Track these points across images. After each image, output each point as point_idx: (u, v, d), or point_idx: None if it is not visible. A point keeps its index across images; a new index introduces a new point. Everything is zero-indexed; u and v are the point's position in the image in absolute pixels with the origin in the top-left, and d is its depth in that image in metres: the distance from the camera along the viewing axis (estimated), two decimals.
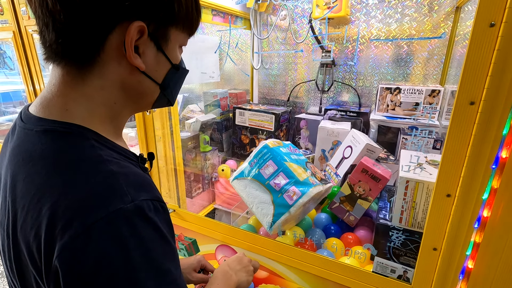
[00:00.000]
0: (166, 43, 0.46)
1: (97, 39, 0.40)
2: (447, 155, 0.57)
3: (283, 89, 1.62)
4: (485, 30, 0.48)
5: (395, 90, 1.20)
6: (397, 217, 0.77)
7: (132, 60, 0.42)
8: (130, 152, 0.48)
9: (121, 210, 0.36)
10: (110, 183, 0.38)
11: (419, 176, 0.73)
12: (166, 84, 0.49)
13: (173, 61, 0.48)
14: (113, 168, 0.39)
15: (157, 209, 0.40)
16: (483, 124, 0.52)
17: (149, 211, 0.38)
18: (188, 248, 1.09)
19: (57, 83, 0.43)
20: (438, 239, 0.63)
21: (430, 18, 1.19)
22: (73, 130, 0.41)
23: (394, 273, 0.73)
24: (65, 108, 0.42)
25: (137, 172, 0.42)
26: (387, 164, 1.10)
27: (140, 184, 0.40)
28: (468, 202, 0.57)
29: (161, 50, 0.45)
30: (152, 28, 0.42)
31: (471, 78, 0.51)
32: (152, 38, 0.43)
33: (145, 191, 0.39)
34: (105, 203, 0.36)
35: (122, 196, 0.37)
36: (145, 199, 0.38)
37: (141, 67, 0.44)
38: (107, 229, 0.35)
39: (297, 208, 0.87)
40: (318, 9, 1.26)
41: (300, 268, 0.87)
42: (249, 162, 0.97)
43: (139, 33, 0.41)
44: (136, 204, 0.37)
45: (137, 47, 0.42)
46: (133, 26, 0.40)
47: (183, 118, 1.49)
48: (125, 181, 0.38)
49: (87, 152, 0.40)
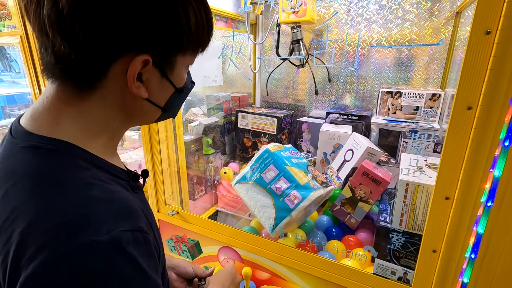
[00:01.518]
0: (172, 69, 0.44)
1: (98, 69, 0.39)
2: (446, 158, 0.58)
3: (285, 92, 1.64)
4: (482, 37, 0.50)
5: (396, 94, 1.21)
6: (397, 219, 0.78)
7: (134, 90, 0.41)
8: (122, 170, 0.46)
9: (94, 243, 0.33)
10: (87, 211, 0.35)
11: (419, 179, 0.74)
12: (168, 106, 0.48)
13: (178, 84, 0.47)
14: (94, 194, 0.37)
15: (137, 241, 0.36)
16: (480, 129, 0.53)
17: (126, 244, 0.35)
18: (191, 250, 1.10)
19: (50, 97, 0.41)
20: (437, 241, 0.64)
21: (430, 23, 1.21)
22: (59, 147, 0.39)
23: (395, 275, 0.74)
24: (56, 123, 0.40)
25: (123, 197, 0.40)
26: (388, 167, 1.11)
27: (122, 212, 0.37)
28: (466, 205, 0.58)
29: (166, 76, 0.44)
30: (157, 58, 0.41)
31: (468, 84, 0.52)
32: (157, 66, 0.42)
33: (126, 221, 0.37)
34: (77, 234, 0.33)
35: (98, 226, 0.34)
36: (124, 230, 0.35)
37: (143, 96, 0.43)
38: (75, 263, 0.32)
39: (299, 212, 0.88)
40: (284, 13, 1.26)
41: (301, 269, 0.88)
42: (251, 167, 0.98)
43: (143, 63, 0.40)
44: (111, 236, 0.34)
45: (141, 74, 0.41)
46: (137, 60, 0.39)
47: (186, 121, 1.51)
48: (105, 209, 0.36)
49: (71, 173, 0.38)
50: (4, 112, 2.61)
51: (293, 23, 1.29)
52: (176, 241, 1.16)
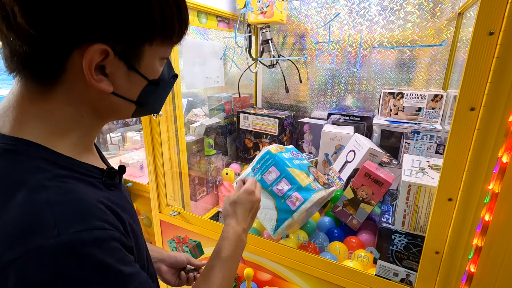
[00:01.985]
0: (140, 60, 0.41)
1: (55, 62, 0.37)
2: (448, 159, 0.58)
3: (286, 93, 1.64)
4: (484, 38, 0.49)
5: (398, 94, 1.21)
6: (399, 221, 0.78)
7: (95, 84, 0.38)
8: (94, 168, 0.44)
9: (42, 248, 0.31)
10: (38, 216, 0.33)
11: (421, 180, 0.74)
12: (143, 100, 0.45)
13: (151, 76, 0.44)
14: (48, 197, 0.34)
15: (97, 239, 0.34)
16: (483, 130, 0.53)
17: (81, 244, 0.33)
18: (193, 250, 1.10)
19: (15, 95, 0.39)
20: (440, 242, 0.64)
21: (432, 24, 1.21)
22: (18, 148, 0.37)
23: (397, 276, 0.74)
24: (19, 121, 0.38)
25: (82, 197, 0.37)
26: (390, 168, 1.11)
27: (78, 212, 0.35)
28: (469, 206, 0.58)
29: (133, 68, 0.41)
30: (120, 48, 0.38)
31: (471, 85, 0.52)
32: (121, 57, 0.39)
33: (81, 221, 0.34)
34: (24, 239, 0.31)
35: (47, 230, 0.32)
36: (79, 231, 0.33)
37: (107, 90, 0.40)
38: (22, 271, 0.30)
39: (300, 214, 0.88)
40: (252, 14, 1.26)
41: (303, 271, 0.88)
42: (252, 168, 0.98)
43: (102, 55, 0.37)
44: (62, 239, 0.32)
45: (104, 67, 0.39)
46: (91, 49, 0.36)
47: (188, 122, 1.51)
48: (59, 211, 0.33)
49: (27, 176, 0.35)
50: None
51: (262, 24, 1.30)
52: (178, 242, 1.16)
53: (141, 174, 1.64)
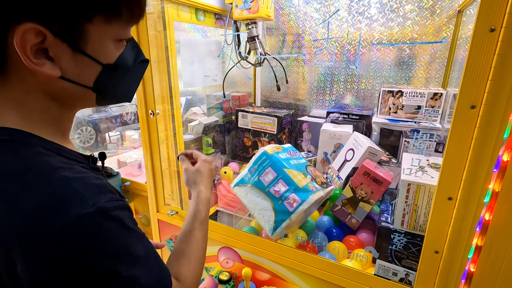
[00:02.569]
0: (86, 41, 0.38)
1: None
2: (449, 158, 0.57)
3: (285, 92, 1.63)
4: (485, 35, 0.49)
5: (397, 93, 1.20)
6: (399, 220, 0.77)
7: (35, 68, 0.36)
8: (79, 154, 0.45)
9: (85, 215, 0.34)
10: (66, 189, 0.35)
11: (421, 179, 0.73)
12: (102, 86, 0.43)
13: (104, 60, 0.41)
14: (66, 174, 0.37)
15: (119, 207, 0.39)
16: (484, 128, 0.52)
17: (112, 210, 0.37)
18: None
19: None
20: (439, 242, 0.63)
21: (432, 21, 1.20)
22: (14, 137, 0.37)
23: (396, 276, 0.73)
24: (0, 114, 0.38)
25: (91, 176, 0.40)
26: (389, 167, 1.10)
27: (97, 187, 0.38)
28: (469, 205, 0.58)
29: (79, 50, 0.38)
30: (58, 28, 0.36)
31: (472, 82, 0.52)
32: (62, 38, 0.36)
33: (103, 194, 0.38)
34: (64, 210, 0.34)
35: (83, 201, 0.35)
36: (106, 201, 0.37)
37: (52, 74, 0.38)
38: (71, 238, 0.33)
39: (298, 215, 0.87)
40: (237, 9, 1.19)
41: (302, 270, 0.87)
42: (249, 169, 0.97)
43: (39, 36, 0.35)
44: (98, 207, 0.36)
45: (47, 51, 0.37)
46: (19, 30, 0.34)
47: (186, 121, 1.51)
48: (84, 185, 0.37)
49: (35, 160, 0.37)
50: None
51: (248, 20, 1.22)
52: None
53: (139, 173, 1.63)
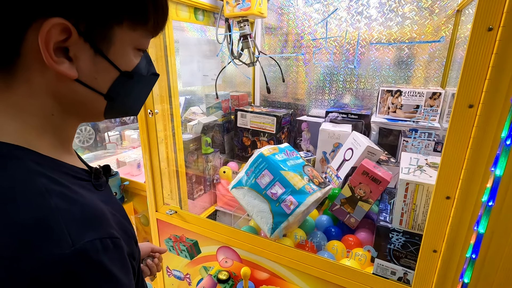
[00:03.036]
0: (109, 45, 0.37)
1: (11, 41, 0.33)
2: (447, 157, 0.57)
3: (284, 91, 1.63)
4: (483, 34, 0.49)
5: (396, 92, 1.20)
6: (397, 219, 0.78)
7: (54, 66, 0.34)
8: (81, 170, 0.41)
9: (58, 257, 0.30)
10: (46, 223, 0.31)
11: (419, 179, 0.73)
12: (114, 94, 0.40)
13: (122, 67, 0.39)
14: (52, 203, 0.32)
15: (107, 248, 0.34)
16: (481, 127, 0.52)
17: (95, 253, 0.32)
18: (190, 250, 1.10)
19: None
20: (438, 241, 0.63)
21: (431, 21, 1.20)
22: (4, 153, 0.33)
23: (395, 275, 0.73)
24: None
25: (87, 203, 0.35)
26: (388, 166, 1.10)
27: (87, 219, 0.34)
28: (467, 204, 0.58)
29: (101, 53, 0.37)
30: (84, 27, 0.34)
31: (470, 82, 0.52)
32: (86, 39, 0.35)
33: (92, 229, 0.33)
34: (37, 249, 0.29)
35: (60, 239, 0.30)
36: (91, 240, 0.32)
37: (69, 75, 0.36)
38: (38, 281, 0.29)
39: (295, 216, 0.87)
40: (228, 6, 1.13)
41: (301, 270, 0.87)
42: (246, 171, 0.97)
43: (64, 33, 0.33)
44: (77, 249, 0.31)
45: (67, 50, 0.35)
46: (47, 23, 0.32)
47: (185, 120, 1.50)
48: (67, 219, 0.32)
49: (21, 180, 0.32)
50: None
51: (240, 17, 1.15)
52: (174, 241, 1.15)
53: (138, 172, 1.64)
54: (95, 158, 1.87)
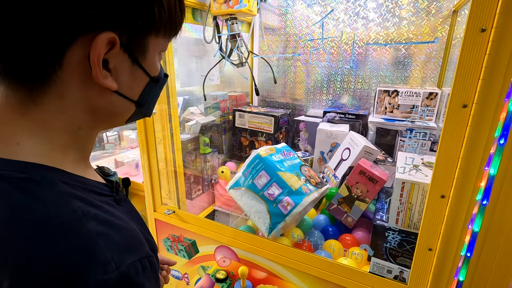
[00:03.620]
0: (144, 53, 0.37)
1: (51, 55, 0.31)
2: (441, 157, 0.58)
3: (282, 91, 1.64)
4: (477, 35, 0.49)
5: (393, 92, 1.21)
6: (393, 218, 0.78)
7: (100, 80, 0.34)
8: (102, 185, 0.41)
9: (103, 283, 0.29)
10: (88, 251, 0.30)
11: (415, 178, 0.74)
12: (143, 100, 0.41)
13: (152, 73, 0.40)
14: (91, 228, 0.31)
15: (145, 269, 0.34)
16: (475, 127, 0.53)
17: (136, 275, 0.33)
18: (188, 249, 1.10)
19: (0, 107, 0.34)
20: (433, 239, 0.64)
21: (427, 21, 1.21)
22: (33, 175, 0.32)
23: (391, 273, 0.74)
24: (16, 142, 0.33)
25: (121, 224, 0.35)
26: (385, 166, 1.11)
27: (126, 243, 0.34)
28: (462, 203, 0.58)
29: (137, 63, 0.37)
30: (125, 38, 0.34)
31: (464, 82, 0.52)
32: (126, 49, 0.35)
33: (131, 252, 0.34)
34: (82, 277, 0.29)
35: (105, 265, 0.30)
36: (132, 262, 0.33)
37: (111, 87, 0.35)
38: None
39: (293, 217, 0.88)
40: (215, 4, 1.07)
41: (298, 269, 0.88)
42: (243, 172, 0.98)
43: (109, 45, 0.33)
44: (121, 273, 0.31)
45: (107, 61, 0.34)
46: (100, 38, 0.31)
47: (183, 120, 1.51)
48: (108, 243, 0.32)
49: (56, 206, 0.31)
50: None
51: (228, 15, 1.09)
52: (172, 241, 1.16)
53: (136, 173, 1.64)
54: (93, 159, 1.87)
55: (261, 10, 1.53)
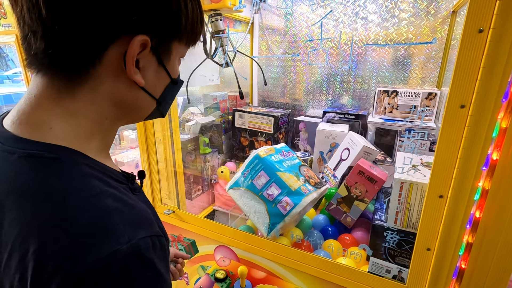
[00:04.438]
0: (168, 57, 0.43)
1: (94, 51, 0.37)
2: (439, 157, 0.58)
3: (282, 92, 1.64)
4: (474, 36, 0.50)
5: (392, 93, 1.21)
6: (392, 218, 0.78)
7: (132, 75, 0.39)
8: (119, 173, 0.44)
9: (116, 253, 0.32)
10: (104, 223, 0.33)
11: (414, 178, 0.74)
12: (163, 98, 0.46)
13: (173, 75, 0.46)
14: (108, 203, 0.35)
15: (155, 246, 0.36)
16: (473, 127, 0.53)
17: (146, 250, 0.35)
18: (187, 249, 1.10)
19: (38, 95, 0.38)
20: (431, 239, 0.64)
21: (427, 22, 1.21)
22: (61, 156, 0.36)
23: (389, 273, 0.74)
24: (49, 127, 0.37)
25: (134, 204, 0.38)
26: (384, 166, 1.11)
27: (138, 220, 0.37)
28: (460, 203, 0.59)
29: (162, 64, 0.43)
30: (155, 42, 0.40)
31: (461, 82, 0.53)
32: (154, 52, 0.40)
33: (143, 228, 0.36)
34: (97, 247, 0.32)
35: (118, 237, 0.33)
36: (143, 237, 0.35)
37: (140, 83, 0.41)
38: (98, 276, 0.31)
39: (292, 217, 0.88)
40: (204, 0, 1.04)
41: (297, 268, 0.88)
42: (242, 173, 0.98)
43: (142, 47, 0.38)
44: (133, 245, 0.33)
45: (138, 61, 0.39)
46: (136, 40, 0.37)
47: (183, 121, 1.51)
48: (122, 218, 0.35)
49: (79, 182, 0.35)
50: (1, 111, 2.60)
51: (211, 11, 1.05)
52: (172, 240, 1.16)
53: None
54: None
55: (261, 10, 1.53)
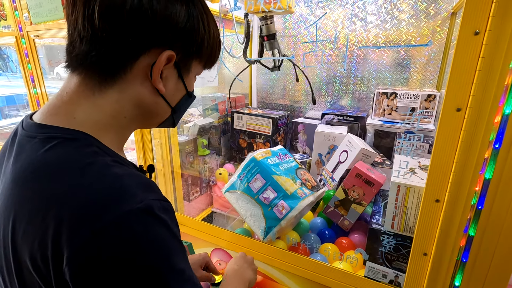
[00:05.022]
0: (187, 72, 0.49)
1: (129, 58, 0.42)
2: (436, 160, 0.57)
3: (281, 93, 1.63)
4: (470, 38, 0.49)
5: (392, 94, 1.20)
6: (389, 222, 0.77)
7: (156, 83, 0.45)
8: (130, 163, 0.48)
9: (133, 210, 0.36)
10: (118, 185, 0.38)
11: (410, 181, 0.73)
12: (177, 108, 0.52)
13: (189, 88, 0.52)
14: (117, 171, 0.39)
15: (166, 209, 0.40)
16: (470, 130, 0.53)
17: (158, 210, 0.38)
18: None
19: (70, 92, 0.43)
20: (428, 244, 0.63)
21: (426, 23, 1.20)
22: (78, 137, 0.41)
23: (386, 278, 0.73)
24: (73, 116, 0.43)
25: (141, 175, 0.43)
26: (383, 168, 1.10)
27: (147, 185, 0.41)
28: (456, 208, 0.58)
29: (181, 78, 0.49)
30: (178, 58, 0.46)
31: (457, 85, 0.52)
32: (176, 66, 0.46)
33: (152, 192, 0.40)
34: (114, 205, 0.36)
35: (132, 196, 0.37)
36: (154, 199, 0.39)
37: (161, 90, 0.46)
38: (118, 232, 0.35)
39: (288, 221, 0.87)
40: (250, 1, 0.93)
41: (293, 272, 0.87)
42: (238, 176, 0.97)
43: (167, 60, 0.44)
44: (146, 204, 0.37)
45: (162, 72, 0.45)
46: (164, 54, 0.43)
47: (182, 122, 1.51)
48: (133, 182, 0.39)
49: (91, 157, 0.40)
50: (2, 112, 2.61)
51: (264, 13, 0.96)
52: None
53: None
54: None
55: None
